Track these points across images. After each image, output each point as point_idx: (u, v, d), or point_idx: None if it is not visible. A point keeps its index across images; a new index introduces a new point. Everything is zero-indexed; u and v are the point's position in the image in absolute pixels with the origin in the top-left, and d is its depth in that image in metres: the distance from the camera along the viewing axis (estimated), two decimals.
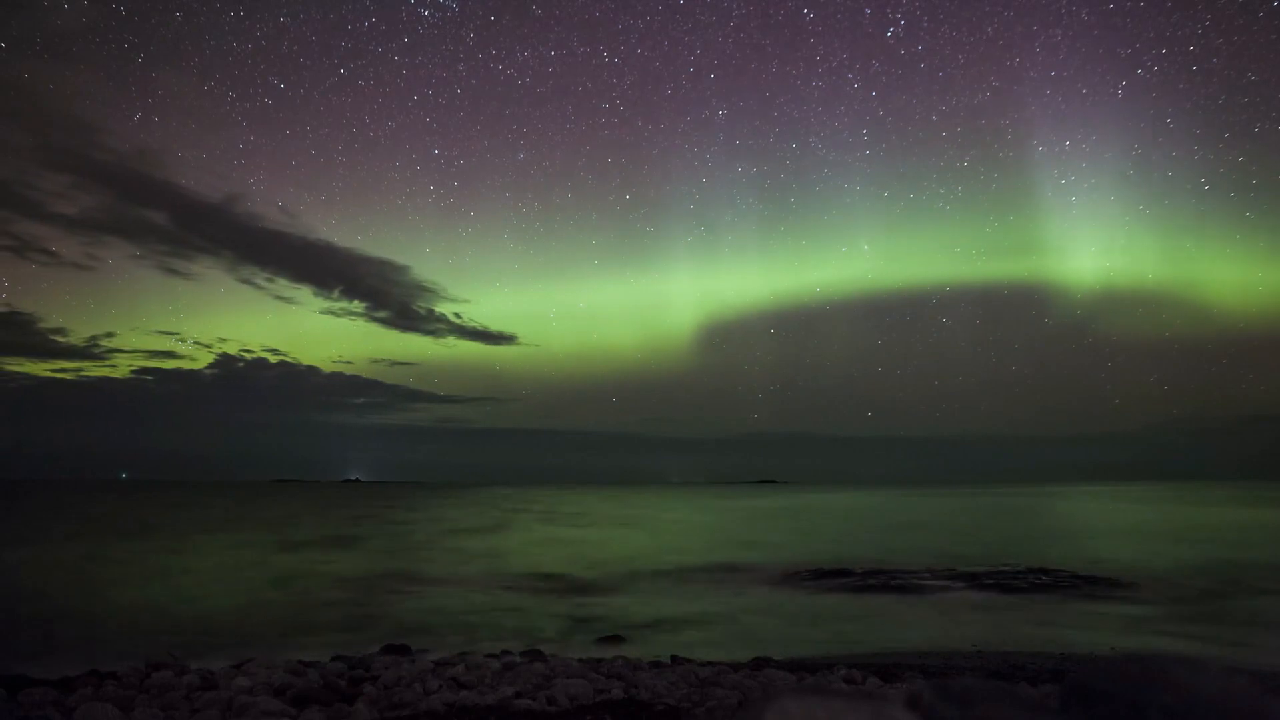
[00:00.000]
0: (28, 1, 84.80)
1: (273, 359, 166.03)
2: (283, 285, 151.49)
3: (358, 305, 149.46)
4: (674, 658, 8.61)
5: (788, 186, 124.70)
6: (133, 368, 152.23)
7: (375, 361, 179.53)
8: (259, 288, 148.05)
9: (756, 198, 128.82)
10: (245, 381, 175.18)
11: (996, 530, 31.47)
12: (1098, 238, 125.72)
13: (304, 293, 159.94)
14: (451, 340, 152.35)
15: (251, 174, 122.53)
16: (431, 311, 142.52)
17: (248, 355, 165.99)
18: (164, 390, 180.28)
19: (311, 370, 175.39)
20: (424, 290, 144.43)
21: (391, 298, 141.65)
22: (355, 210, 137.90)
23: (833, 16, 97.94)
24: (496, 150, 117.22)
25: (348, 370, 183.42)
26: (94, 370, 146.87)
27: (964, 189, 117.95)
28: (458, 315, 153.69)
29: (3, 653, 8.87)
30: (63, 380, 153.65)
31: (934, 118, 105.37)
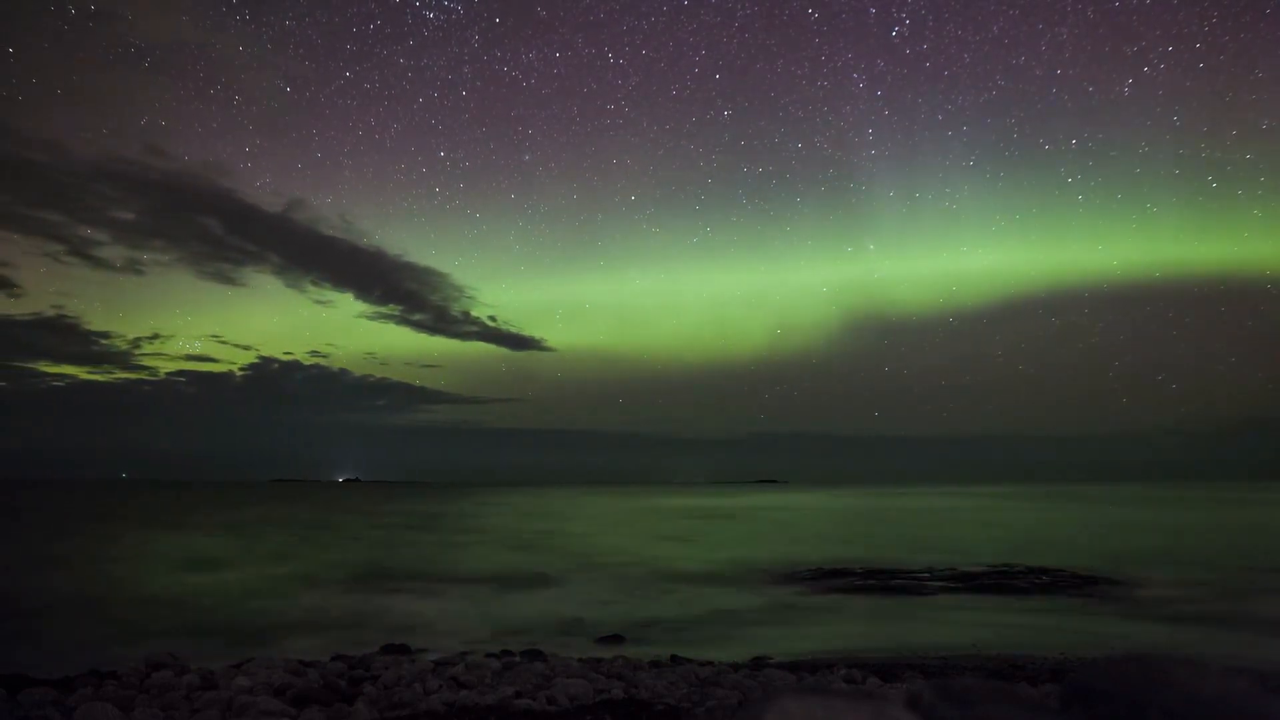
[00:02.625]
0: (105, 11, 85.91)
1: (308, 361, 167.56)
2: (326, 290, 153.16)
3: (393, 309, 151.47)
4: (674, 657, 8.61)
5: (793, 186, 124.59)
6: (169, 370, 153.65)
7: (408, 363, 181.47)
8: (304, 292, 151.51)
9: (762, 198, 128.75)
10: (275, 384, 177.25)
11: (998, 530, 31.45)
12: (1104, 236, 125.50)
13: (346, 297, 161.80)
14: (478, 343, 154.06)
15: (307, 181, 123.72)
16: (467, 314, 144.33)
17: (286, 358, 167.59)
18: (193, 392, 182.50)
19: (343, 372, 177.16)
20: (462, 295, 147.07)
21: (428, 302, 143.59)
22: (360, 212, 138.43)
23: (837, 16, 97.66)
24: (502, 151, 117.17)
25: (379, 372, 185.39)
26: (122, 373, 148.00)
27: (970, 188, 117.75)
28: (493, 319, 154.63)
29: (3, 653, 8.86)
30: (95, 383, 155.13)
31: (939, 117, 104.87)
